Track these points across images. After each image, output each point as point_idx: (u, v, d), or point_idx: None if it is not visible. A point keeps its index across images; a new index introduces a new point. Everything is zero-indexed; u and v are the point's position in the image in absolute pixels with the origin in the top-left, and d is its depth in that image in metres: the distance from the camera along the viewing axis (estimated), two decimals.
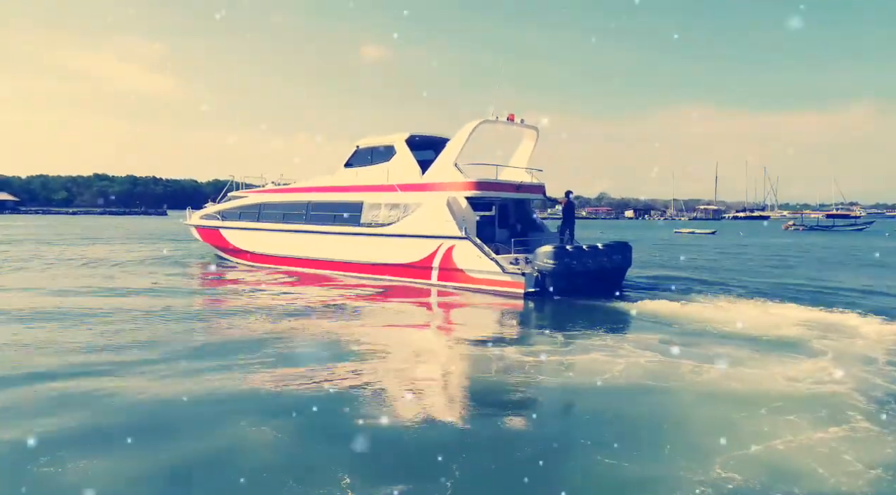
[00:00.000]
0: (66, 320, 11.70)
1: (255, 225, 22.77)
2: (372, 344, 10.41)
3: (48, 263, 23.19)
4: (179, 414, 6.72)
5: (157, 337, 10.44)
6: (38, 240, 37.79)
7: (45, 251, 28.95)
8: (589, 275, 15.60)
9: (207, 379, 7.99)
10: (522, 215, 19.56)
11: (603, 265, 15.97)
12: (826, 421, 6.66)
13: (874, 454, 5.80)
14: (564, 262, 15.18)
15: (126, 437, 5.93)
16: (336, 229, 19.74)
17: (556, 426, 6.93)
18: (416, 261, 17.53)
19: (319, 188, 21.00)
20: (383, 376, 8.39)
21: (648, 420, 6.84)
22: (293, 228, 21.17)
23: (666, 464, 5.63)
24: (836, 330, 11.66)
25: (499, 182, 17.93)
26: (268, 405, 7.03)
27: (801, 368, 8.83)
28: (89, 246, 33.14)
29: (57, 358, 8.93)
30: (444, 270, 17.03)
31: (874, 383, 8.13)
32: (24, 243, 34.46)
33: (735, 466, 5.49)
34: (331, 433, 6.30)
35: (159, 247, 32.23)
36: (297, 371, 8.44)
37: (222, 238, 24.45)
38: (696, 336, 11.16)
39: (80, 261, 24.44)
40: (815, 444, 6.02)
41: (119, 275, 19.46)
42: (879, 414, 6.88)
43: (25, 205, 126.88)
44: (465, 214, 17.16)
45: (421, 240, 17.40)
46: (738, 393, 7.69)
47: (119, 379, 7.90)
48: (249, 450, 5.83)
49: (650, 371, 8.67)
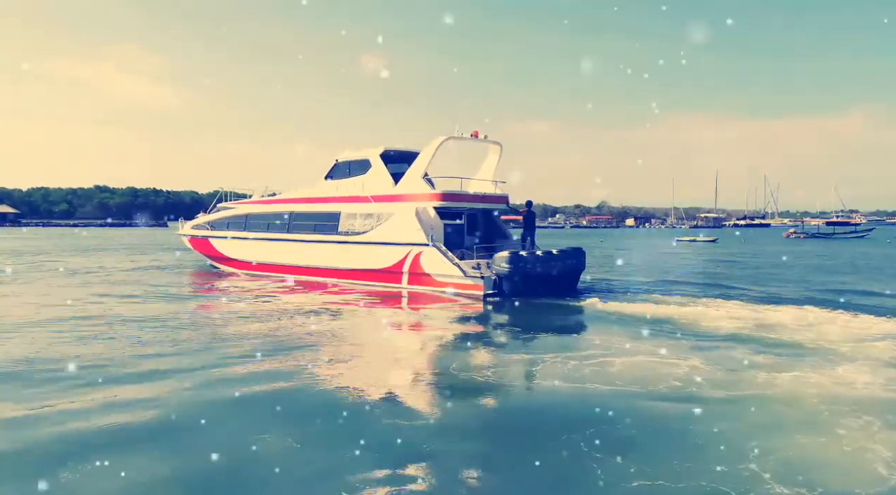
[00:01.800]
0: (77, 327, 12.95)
1: (242, 234, 24.11)
2: (349, 342, 11.51)
3: (67, 273, 24.56)
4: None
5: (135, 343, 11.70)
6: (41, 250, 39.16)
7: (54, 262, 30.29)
8: (543, 278, 16.91)
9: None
10: (489, 223, 20.89)
11: (557, 269, 17.27)
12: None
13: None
14: (519, 267, 16.49)
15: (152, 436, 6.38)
16: (316, 237, 21.07)
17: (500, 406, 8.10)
18: (388, 267, 18.85)
19: (301, 199, 22.35)
20: (356, 372, 9.30)
21: (580, 402, 8.01)
22: (277, 237, 22.51)
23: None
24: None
25: (463, 193, 19.30)
26: (268, 402, 7.57)
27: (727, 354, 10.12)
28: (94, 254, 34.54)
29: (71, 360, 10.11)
30: (413, 275, 18.34)
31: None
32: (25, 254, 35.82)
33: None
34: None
35: (159, 258, 33.59)
36: (279, 365, 9.57)
37: (212, 247, 25.78)
38: (619, 325, 12.46)
39: (87, 270, 25.81)
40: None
41: (119, 283, 20.78)
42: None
43: (26, 218, 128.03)
44: (433, 223, 18.47)
45: (392, 247, 18.72)
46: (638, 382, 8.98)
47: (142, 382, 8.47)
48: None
49: (576, 359, 9.97)
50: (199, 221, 26.98)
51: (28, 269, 25.89)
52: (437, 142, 18.88)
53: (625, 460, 5.75)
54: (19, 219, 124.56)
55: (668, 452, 5.99)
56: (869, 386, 8.27)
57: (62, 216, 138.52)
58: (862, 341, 11.19)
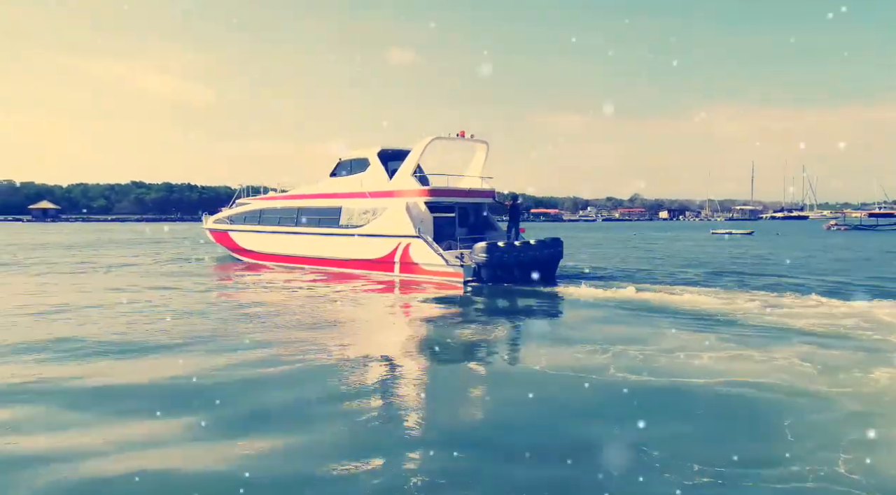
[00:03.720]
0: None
1: (256, 227, 26.18)
2: (352, 321, 13.37)
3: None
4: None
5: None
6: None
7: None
8: (520, 266, 18.48)
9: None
10: (479, 217, 22.49)
11: (534, 257, 18.81)
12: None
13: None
14: (496, 256, 18.09)
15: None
16: (320, 230, 22.96)
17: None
18: (382, 257, 20.62)
19: (308, 195, 24.25)
20: (352, 348, 10.58)
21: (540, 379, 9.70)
22: (286, 230, 24.49)
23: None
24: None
25: (449, 188, 20.96)
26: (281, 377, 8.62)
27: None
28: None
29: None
30: (403, 264, 20.07)
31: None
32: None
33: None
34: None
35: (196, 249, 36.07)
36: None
37: (230, 239, 27.93)
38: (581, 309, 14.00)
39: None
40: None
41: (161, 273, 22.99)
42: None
43: (66, 213, 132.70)
44: (423, 216, 20.16)
45: (385, 238, 20.48)
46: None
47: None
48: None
49: (531, 333, 11.61)
50: (220, 216, 29.15)
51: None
52: (425, 142, 20.56)
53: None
54: (59, 215, 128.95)
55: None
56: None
57: (100, 211, 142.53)
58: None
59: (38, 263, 26.81)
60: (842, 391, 7.62)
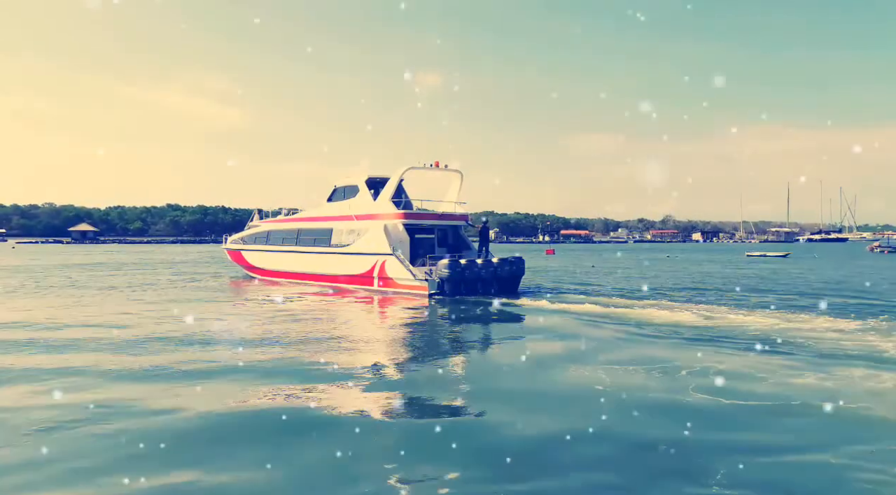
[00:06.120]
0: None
1: (263, 247, 29.24)
2: (339, 328, 15.87)
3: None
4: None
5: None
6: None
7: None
8: (481, 281, 20.99)
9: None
10: (457, 237, 25.08)
11: (493, 274, 21.28)
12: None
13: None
14: (457, 272, 20.63)
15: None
16: (315, 249, 25.83)
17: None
18: (364, 273, 23.33)
19: (307, 218, 27.22)
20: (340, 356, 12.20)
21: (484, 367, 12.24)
22: (287, 249, 27.45)
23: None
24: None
25: (424, 212, 23.70)
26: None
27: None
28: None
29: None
30: (381, 279, 22.74)
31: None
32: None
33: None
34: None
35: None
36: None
37: (243, 258, 31.05)
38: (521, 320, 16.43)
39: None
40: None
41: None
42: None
43: (104, 235, 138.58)
44: (401, 237, 22.86)
45: (367, 256, 23.20)
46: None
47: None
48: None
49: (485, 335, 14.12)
50: (236, 237, 32.37)
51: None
52: (400, 172, 23.35)
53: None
54: (98, 237, 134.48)
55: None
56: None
57: (137, 233, 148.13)
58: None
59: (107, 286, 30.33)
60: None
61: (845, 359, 10.94)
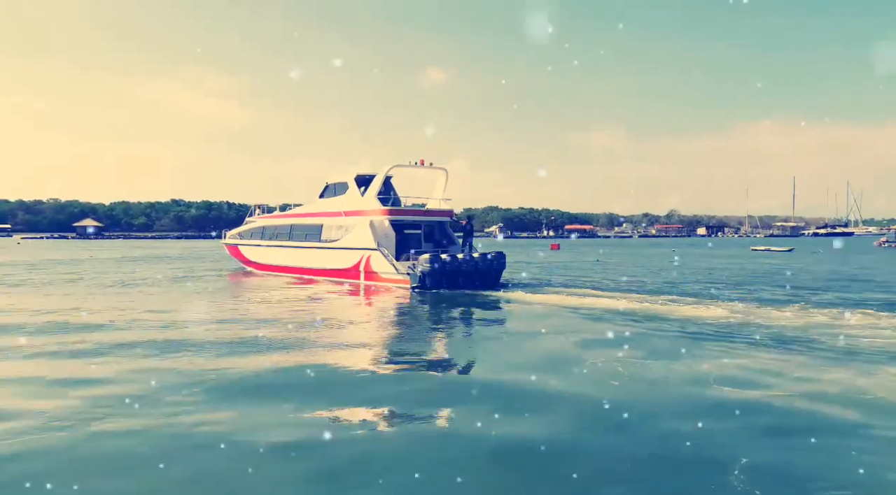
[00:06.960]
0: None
1: (259, 242, 30.27)
2: (332, 318, 16.82)
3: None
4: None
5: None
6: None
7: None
8: (462, 275, 21.89)
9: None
10: (443, 233, 25.99)
11: (475, 268, 22.18)
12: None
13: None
14: (437, 266, 21.52)
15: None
16: (306, 244, 26.81)
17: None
18: (351, 267, 24.29)
19: (300, 214, 28.21)
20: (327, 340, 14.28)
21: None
22: (280, 244, 28.45)
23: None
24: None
25: (408, 208, 24.64)
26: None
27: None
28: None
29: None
30: (367, 272, 23.70)
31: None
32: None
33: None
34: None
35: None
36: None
37: (240, 253, 32.10)
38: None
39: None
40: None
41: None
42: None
43: (108, 231, 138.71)
44: (387, 232, 23.79)
45: (353, 251, 24.16)
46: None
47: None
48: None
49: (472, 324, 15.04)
50: (234, 232, 33.43)
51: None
52: (386, 169, 24.26)
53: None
54: (102, 232, 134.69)
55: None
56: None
57: (141, 229, 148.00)
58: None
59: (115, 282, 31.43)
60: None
61: (870, 354, 10.76)
